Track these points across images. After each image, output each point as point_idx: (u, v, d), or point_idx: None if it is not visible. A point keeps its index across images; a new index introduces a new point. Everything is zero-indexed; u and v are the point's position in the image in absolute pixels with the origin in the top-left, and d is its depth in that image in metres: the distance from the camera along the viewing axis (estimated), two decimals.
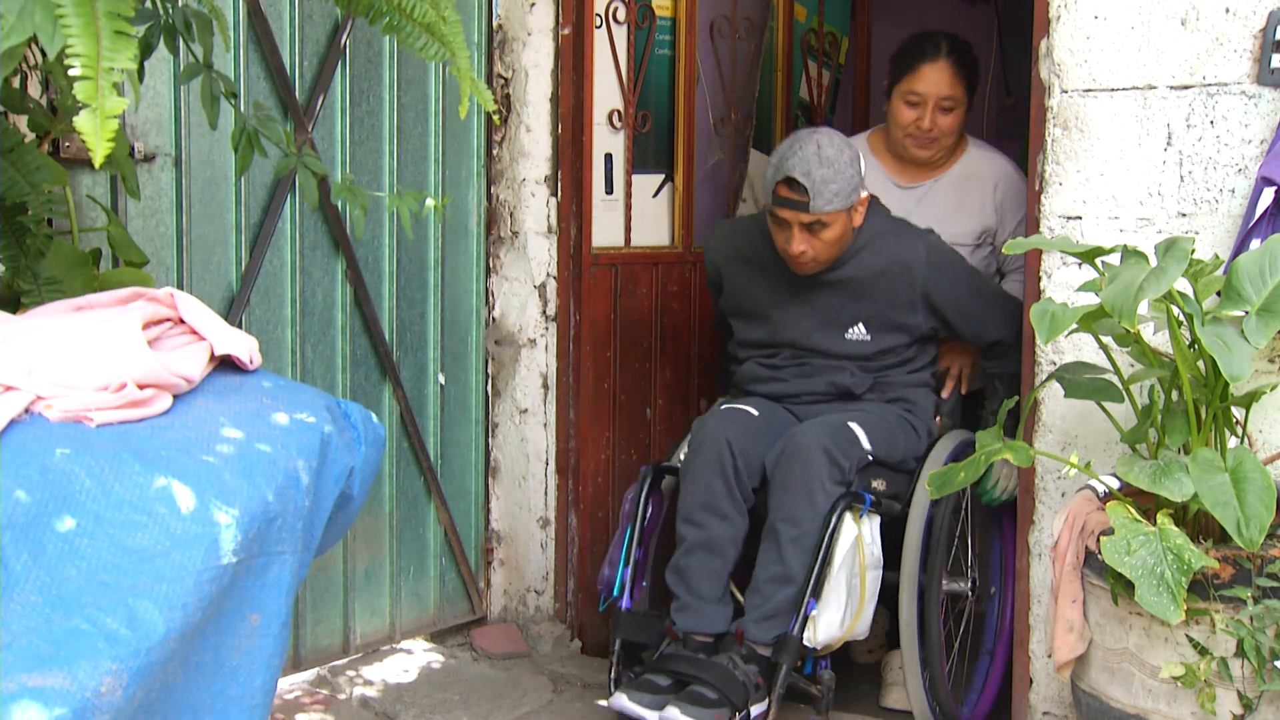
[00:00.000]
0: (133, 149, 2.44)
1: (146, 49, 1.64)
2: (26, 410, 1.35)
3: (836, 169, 2.73)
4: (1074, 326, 2.17)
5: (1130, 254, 2.10)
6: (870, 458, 2.80)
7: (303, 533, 1.52)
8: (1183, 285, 2.12)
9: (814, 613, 2.62)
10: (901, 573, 2.73)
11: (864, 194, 2.84)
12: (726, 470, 2.75)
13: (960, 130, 3.22)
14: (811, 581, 2.63)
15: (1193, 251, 2.02)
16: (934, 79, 3.11)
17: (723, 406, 2.94)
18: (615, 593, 2.81)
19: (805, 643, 2.62)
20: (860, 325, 2.90)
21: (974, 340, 2.97)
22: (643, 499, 2.87)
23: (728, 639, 2.67)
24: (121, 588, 1.24)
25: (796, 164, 2.73)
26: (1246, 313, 2.05)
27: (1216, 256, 2.19)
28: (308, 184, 1.94)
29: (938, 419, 3.00)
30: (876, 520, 2.75)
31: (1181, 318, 2.10)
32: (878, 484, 2.80)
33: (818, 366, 2.94)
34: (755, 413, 2.88)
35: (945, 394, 3.05)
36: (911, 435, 2.91)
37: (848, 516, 2.67)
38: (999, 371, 2.96)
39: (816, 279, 2.88)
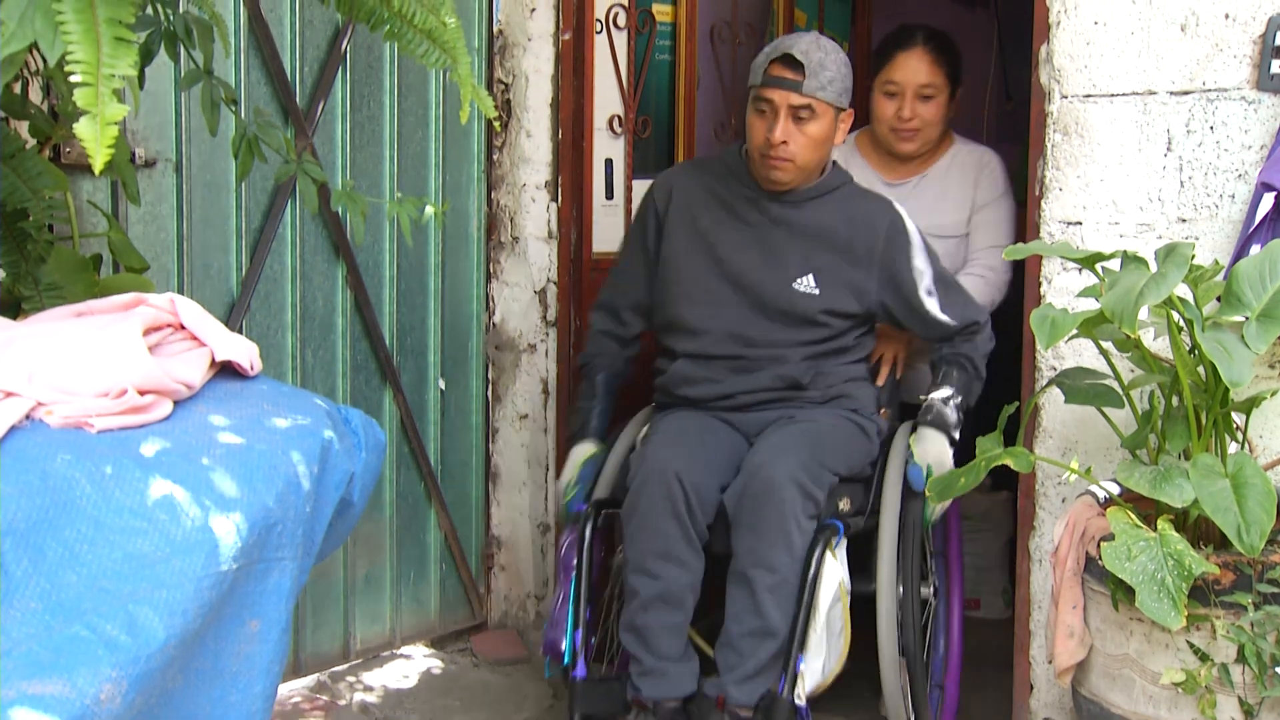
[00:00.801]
0: (134, 154, 2.44)
1: (147, 55, 1.64)
2: (27, 416, 1.35)
3: (835, 59, 2.60)
4: (1074, 332, 2.17)
5: (1130, 260, 2.10)
6: (837, 478, 2.55)
7: (303, 538, 1.52)
8: (1183, 291, 2.12)
9: (801, 668, 2.38)
10: (879, 591, 2.49)
11: (850, 109, 2.68)
12: (679, 509, 2.44)
13: (945, 124, 3.15)
14: (797, 634, 2.38)
15: (1193, 257, 2.02)
16: (910, 67, 3.04)
17: (659, 429, 2.64)
18: (566, 660, 2.52)
19: (795, 700, 2.37)
20: (810, 276, 2.66)
21: (919, 326, 2.75)
22: (586, 547, 2.55)
23: (702, 701, 2.43)
24: (122, 594, 1.24)
25: (795, 43, 2.58)
26: (1247, 318, 2.05)
27: (1216, 262, 2.19)
28: (308, 190, 1.94)
29: (882, 412, 2.84)
30: (844, 542, 2.53)
31: (1182, 323, 2.10)
32: (844, 504, 2.59)
33: (756, 359, 2.67)
34: (700, 437, 2.59)
35: (880, 381, 2.88)
36: (862, 440, 2.68)
37: (828, 556, 2.43)
38: (950, 354, 2.74)
39: (775, 214, 2.69)
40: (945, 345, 2.73)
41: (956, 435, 2.65)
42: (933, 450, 2.60)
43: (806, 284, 2.65)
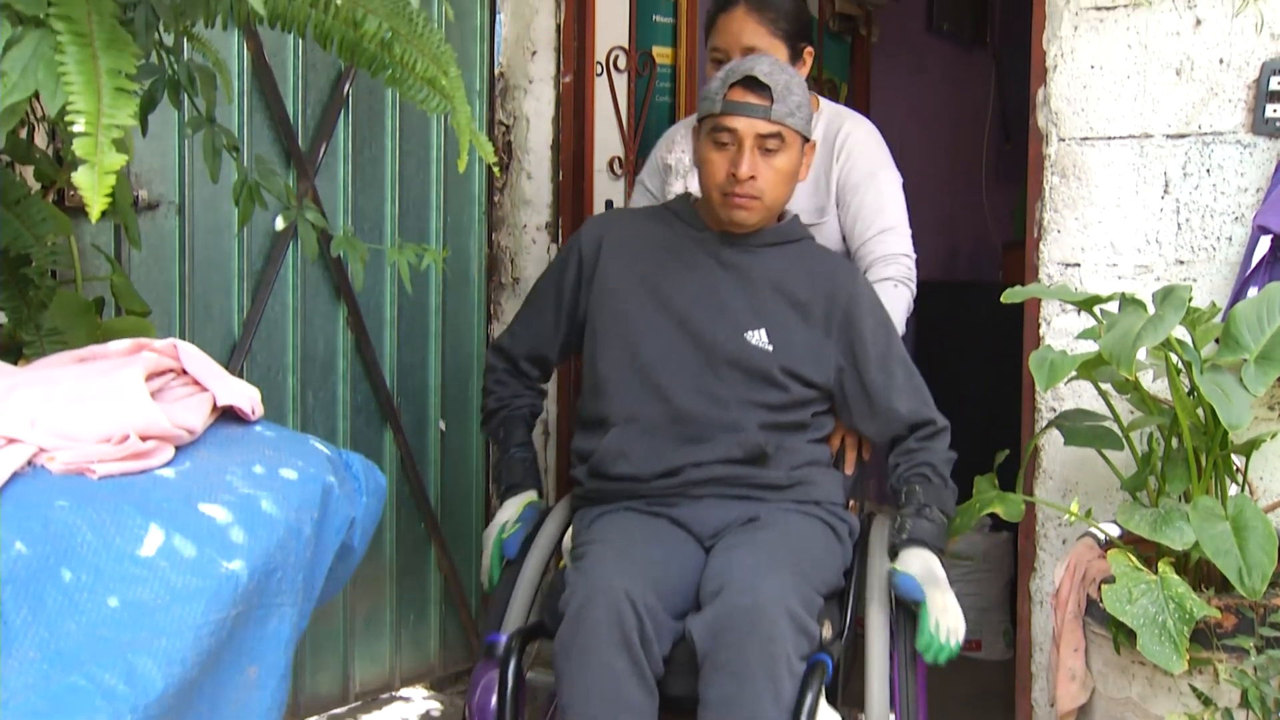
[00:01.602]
0: (136, 197, 2.46)
1: (150, 103, 1.66)
2: (29, 462, 1.35)
3: (799, 84, 2.28)
4: (1073, 374, 2.18)
5: (1129, 302, 2.11)
6: (822, 599, 2.10)
7: (303, 584, 1.52)
8: (1181, 333, 2.13)
9: None
10: None
11: (813, 140, 2.36)
12: (631, 641, 1.94)
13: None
14: None
15: (1190, 299, 2.03)
16: (731, 29, 2.60)
17: (593, 535, 2.17)
18: None
19: None
20: (762, 331, 2.29)
21: (866, 410, 2.32)
22: (511, 691, 2.06)
23: None
24: (120, 643, 1.23)
25: (756, 65, 2.25)
26: (1245, 360, 2.06)
27: (1213, 304, 2.20)
28: (308, 237, 1.95)
29: (850, 505, 2.40)
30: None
31: (1180, 365, 2.10)
32: (825, 631, 2.10)
33: (709, 424, 2.25)
34: (646, 547, 2.12)
35: (849, 469, 2.40)
36: (836, 546, 2.24)
37: (822, 706, 1.96)
38: (908, 472, 2.29)
39: (726, 258, 2.34)
40: (901, 459, 2.31)
41: (944, 546, 2.21)
42: (916, 564, 2.14)
43: (759, 338, 2.29)
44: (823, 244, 2.52)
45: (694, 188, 2.62)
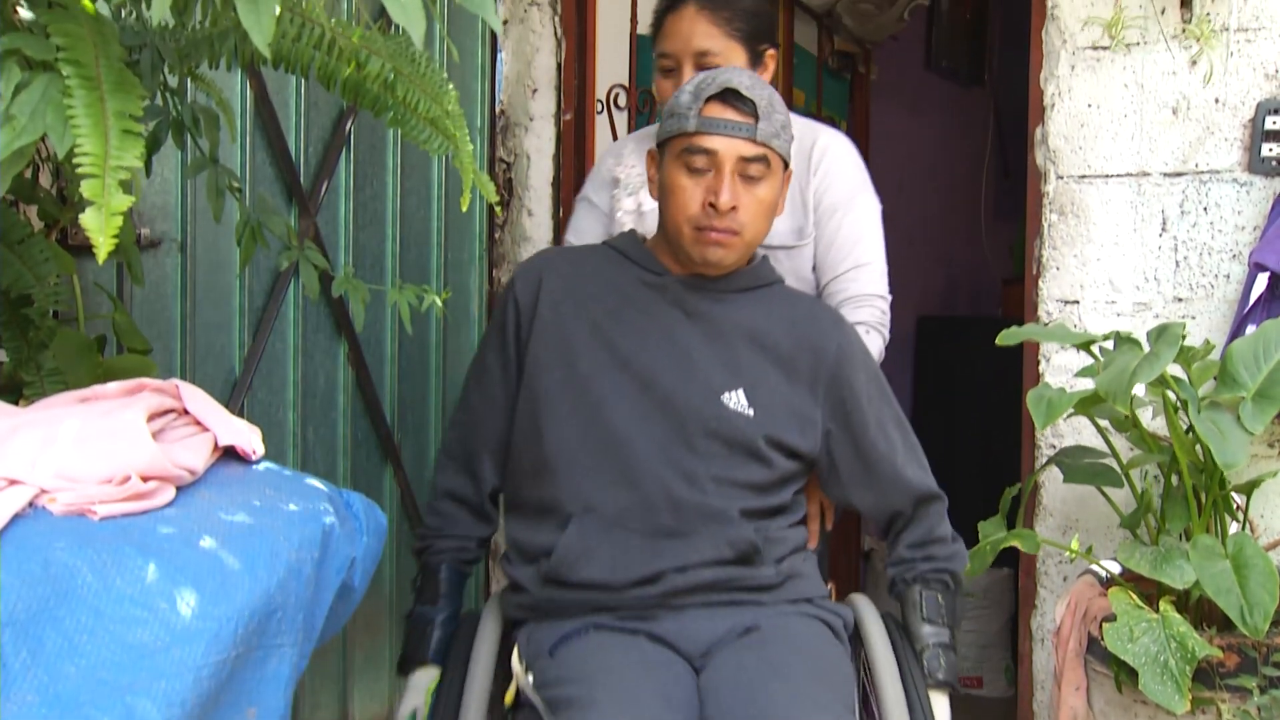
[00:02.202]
0: (139, 235, 2.47)
1: (155, 144, 1.67)
2: (30, 504, 1.35)
3: (781, 101, 1.98)
4: (1072, 411, 2.18)
5: (1124, 340, 2.12)
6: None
7: (303, 624, 1.52)
8: (1178, 370, 2.14)
9: None
10: None
11: (790, 170, 2.04)
12: None
13: None
14: None
15: (1184, 337, 2.04)
16: (680, 31, 2.30)
17: (570, 672, 1.79)
18: None
19: None
20: (740, 392, 1.94)
21: (863, 481, 2.01)
22: None
23: None
24: (120, 686, 1.23)
25: (734, 77, 1.94)
26: (1243, 398, 2.06)
27: (1207, 342, 2.21)
28: (309, 278, 1.96)
29: (830, 590, 2.08)
30: None
31: (1178, 403, 2.11)
32: None
33: (688, 513, 1.89)
34: (643, 680, 1.76)
35: (813, 544, 2.10)
36: (839, 649, 1.93)
37: None
38: (929, 572, 2.01)
39: (691, 306, 1.98)
40: (913, 552, 2.02)
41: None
42: (941, 712, 1.93)
43: (737, 400, 1.94)
44: (800, 271, 2.30)
45: (648, 207, 2.35)
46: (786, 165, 2.00)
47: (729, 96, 1.92)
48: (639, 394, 1.94)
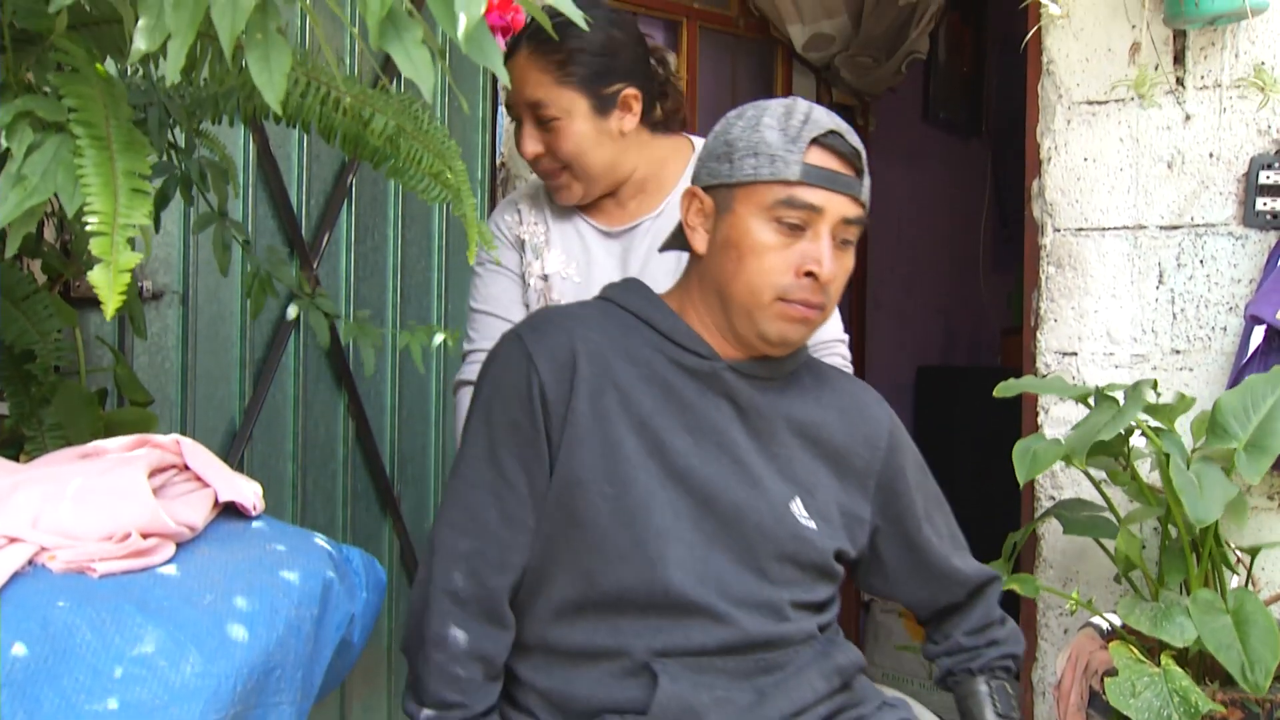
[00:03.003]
0: (141, 288, 2.48)
1: (163, 200, 1.68)
2: (30, 562, 1.35)
3: None
4: (1063, 463, 2.20)
5: (1104, 398, 2.14)
6: None
7: (302, 681, 1.51)
8: (1182, 425, 2.15)
9: None
10: None
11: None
12: None
13: (612, 149, 2.06)
14: None
15: (1159, 394, 2.08)
16: (515, 79, 2.02)
17: None
18: None
19: None
20: (798, 500, 1.65)
21: (911, 577, 1.80)
22: None
23: None
24: None
25: (830, 116, 1.63)
26: (1235, 449, 2.07)
27: (1181, 396, 2.21)
28: (319, 325, 1.96)
29: None
30: None
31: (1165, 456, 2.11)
32: None
33: (782, 641, 1.62)
34: None
35: None
36: None
37: None
38: (996, 659, 1.82)
39: (745, 399, 1.65)
40: (973, 639, 1.82)
41: None
42: None
43: (800, 512, 1.66)
44: None
45: (553, 268, 2.12)
46: None
47: (834, 141, 1.60)
48: (702, 515, 1.60)
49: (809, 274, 1.57)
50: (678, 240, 1.72)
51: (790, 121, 1.59)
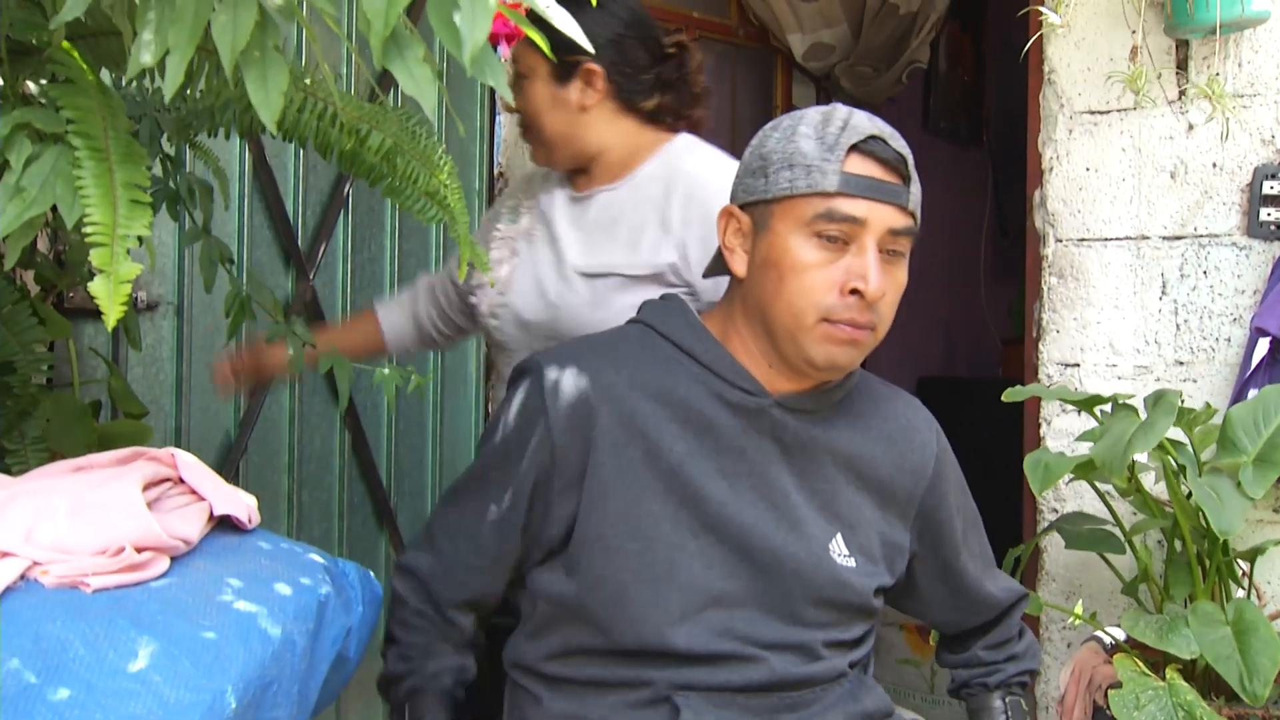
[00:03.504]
0: (136, 299, 2.46)
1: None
2: (23, 576, 1.33)
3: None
4: (1070, 476, 2.17)
5: (1120, 406, 2.10)
6: None
7: (298, 696, 1.49)
8: (1180, 435, 2.13)
9: None
10: None
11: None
12: None
13: (573, 116, 2.06)
14: None
15: (1182, 403, 2.03)
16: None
17: None
18: None
19: None
20: (839, 538, 1.58)
21: (945, 600, 1.76)
22: None
23: None
24: None
25: (878, 125, 1.51)
26: (1243, 463, 2.05)
27: (1208, 405, 2.20)
28: (296, 352, 1.91)
29: None
30: None
31: (1178, 468, 2.09)
32: None
33: (811, 680, 1.57)
34: None
35: None
36: None
37: None
38: (1015, 675, 1.81)
39: (792, 434, 1.56)
40: (994, 654, 1.80)
41: None
42: None
43: (840, 551, 1.58)
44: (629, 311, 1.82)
45: (516, 296, 2.10)
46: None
47: (875, 146, 1.48)
48: (737, 563, 1.53)
49: (854, 291, 1.47)
50: (719, 265, 1.62)
51: (828, 129, 1.48)
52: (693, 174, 2.01)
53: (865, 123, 1.50)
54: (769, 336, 1.53)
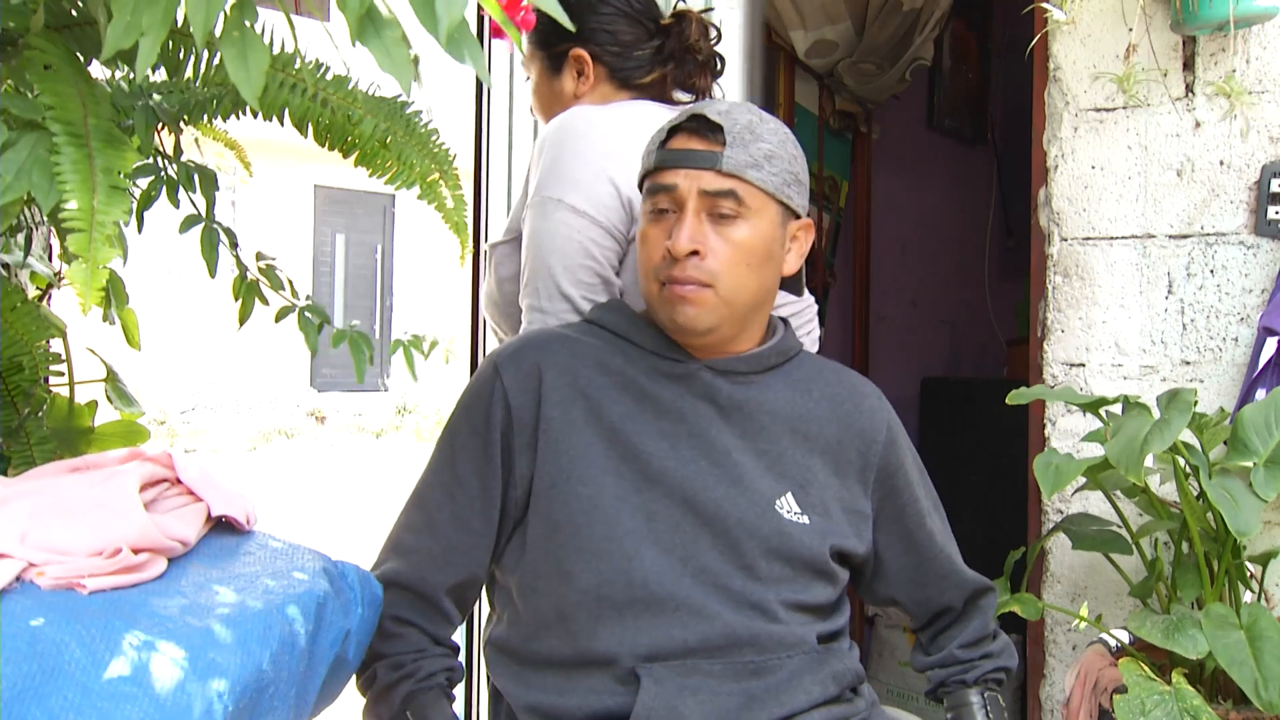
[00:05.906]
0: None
1: (147, 201, 1.65)
2: (18, 578, 1.32)
3: (780, 135, 1.64)
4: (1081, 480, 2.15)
5: (1132, 406, 2.08)
6: None
7: (296, 699, 1.48)
8: (1188, 436, 2.11)
9: None
10: None
11: (807, 216, 1.70)
12: None
13: (554, 99, 2.09)
14: None
15: (1195, 403, 2.01)
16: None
17: None
18: None
19: None
20: (789, 496, 1.63)
21: (911, 578, 1.78)
22: None
23: None
24: None
25: (713, 105, 1.63)
26: (1254, 464, 2.03)
27: (1222, 410, 2.18)
28: (308, 332, 1.92)
29: None
30: None
31: (1188, 469, 2.07)
32: None
33: (771, 643, 1.58)
34: None
35: None
36: None
37: None
38: (990, 672, 1.82)
39: (723, 395, 1.64)
40: (969, 652, 1.82)
41: None
42: None
43: (789, 507, 1.63)
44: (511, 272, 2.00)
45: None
46: (793, 212, 1.66)
47: (696, 124, 1.60)
48: (681, 515, 1.58)
49: (667, 250, 1.59)
50: None
51: (671, 120, 1.65)
52: None
53: (701, 106, 1.63)
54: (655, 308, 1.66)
